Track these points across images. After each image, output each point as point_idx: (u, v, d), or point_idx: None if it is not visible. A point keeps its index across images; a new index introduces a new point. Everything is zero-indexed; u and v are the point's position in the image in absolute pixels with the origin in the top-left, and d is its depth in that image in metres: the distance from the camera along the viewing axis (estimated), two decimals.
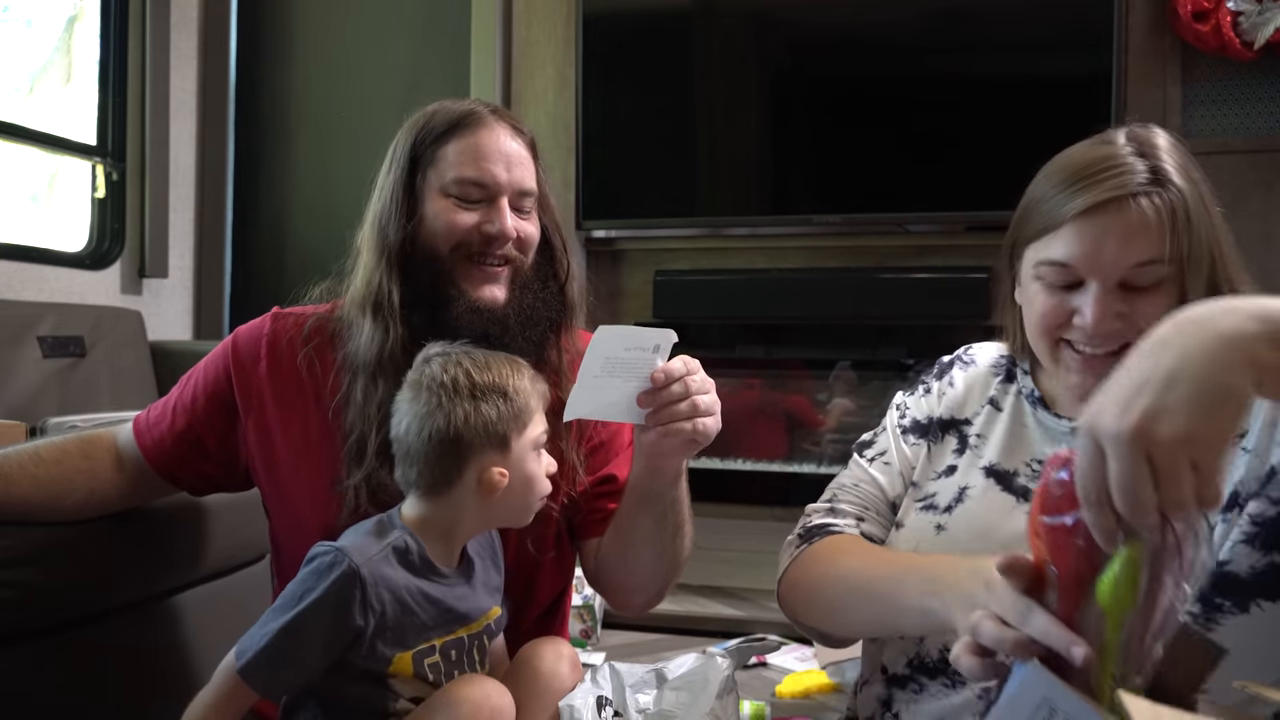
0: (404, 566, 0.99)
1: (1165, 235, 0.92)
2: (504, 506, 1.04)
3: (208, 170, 3.22)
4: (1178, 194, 0.93)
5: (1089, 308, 0.94)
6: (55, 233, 2.86)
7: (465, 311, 1.14)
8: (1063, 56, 2.54)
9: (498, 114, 1.21)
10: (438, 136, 1.19)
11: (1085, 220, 0.94)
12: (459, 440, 1.00)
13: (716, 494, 2.76)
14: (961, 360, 1.18)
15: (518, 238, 1.17)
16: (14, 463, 1.16)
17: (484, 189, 1.16)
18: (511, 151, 1.18)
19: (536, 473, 1.04)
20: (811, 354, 2.77)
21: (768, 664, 2.30)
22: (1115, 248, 0.93)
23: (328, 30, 3.27)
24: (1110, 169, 0.95)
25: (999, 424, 1.08)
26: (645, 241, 2.89)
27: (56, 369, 2.38)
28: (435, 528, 1.02)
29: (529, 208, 1.20)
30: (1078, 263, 0.95)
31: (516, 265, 1.19)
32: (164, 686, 0.98)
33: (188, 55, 3.15)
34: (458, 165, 1.16)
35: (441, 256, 1.16)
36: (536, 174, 1.21)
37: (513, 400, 1.02)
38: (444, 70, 3.01)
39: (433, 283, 1.15)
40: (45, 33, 2.89)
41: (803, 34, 2.75)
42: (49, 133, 2.72)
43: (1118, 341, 0.94)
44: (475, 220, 1.15)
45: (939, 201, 2.58)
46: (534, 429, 1.04)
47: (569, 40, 2.82)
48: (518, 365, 1.05)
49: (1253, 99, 2.45)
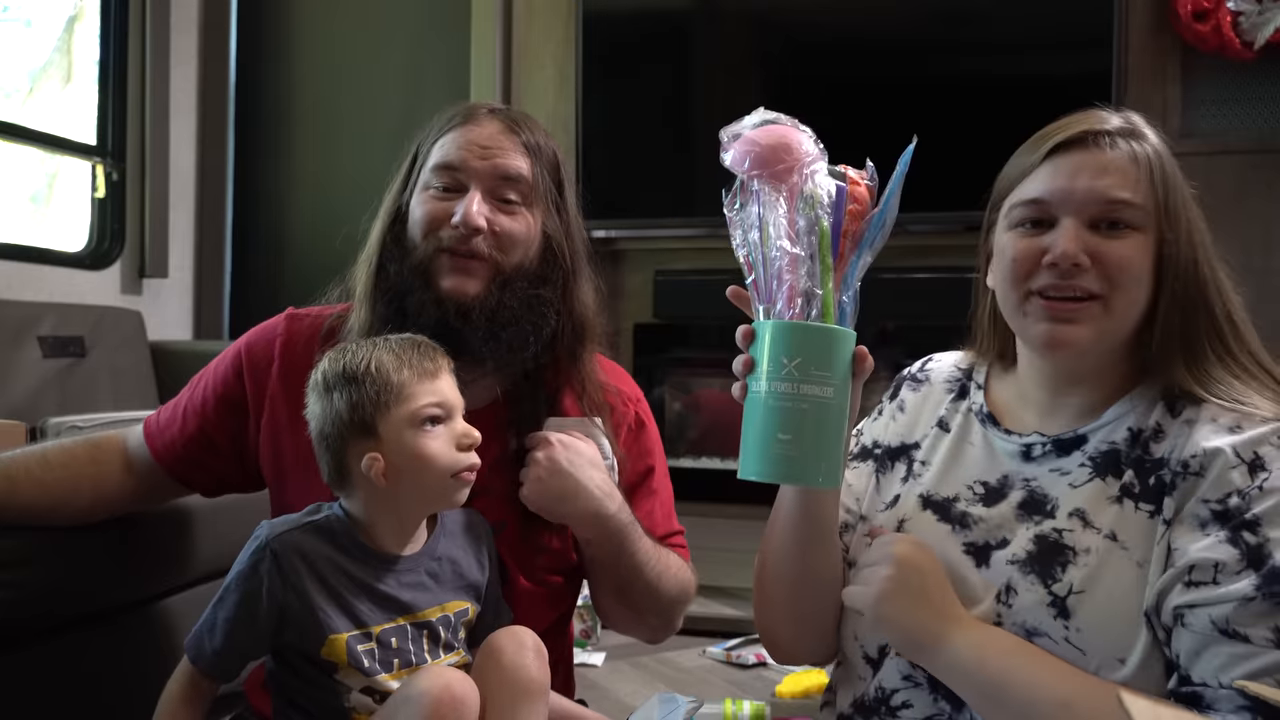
0: (328, 543, 0.99)
1: (1138, 180, 0.91)
2: (409, 490, 1.00)
3: (208, 170, 3.22)
4: (1153, 149, 0.93)
5: (1060, 239, 0.92)
6: (55, 233, 2.86)
7: (428, 302, 1.11)
8: (1063, 56, 2.54)
9: (497, 112, 1.19)
10: (433, 135, 1.18)
11: (1059, 157, 0.94)
12: (324, 435, 1.00)
13: (716, 494, 2.76)
14: (914, 378, 1.16)
15: (493, 231, 1.13)
16: (20, 467, 1.15)
17: (455, 174, 1.14)
18: (495, 145, 1.14)
19: (427, 449, 0.99)
20: None
21: (768, 664, 2.30)
22: (1088, 181, 0.92)
23: (328, 30, 3.27)
24: (1085, 117, 0.96)
25: (942, 447, 1.05)
26: (645, 241, 2.89)
27: (56, 369, 2.38)
28: (362, 518, 1.02)
29: (514, 198, 1.15)
30: (1051, 196, 0.93)
31: (496, 262, 1.13)
32: (158, 689, 0.99)
33: (188, 55, 3.15)
34: (437, 155, 1.15)
35: (417, 248, 1.14)
36: (532, 168, 1.16)
37: (367, 383, 0.98)
38: (444, 70, 3.01)
39: (404, 273, 1.14)
40: (45, 33, 2.89)
41: (802, 34, 2.75)
42: (49, 133, 2.72)
43: (1084, 287, 0.91)
44: (447, 210, 1.13)
45: (939, 201, 2.58)
46: (408, 404, 0.99)
47: (569, 40, 2.82)
48: (392, 346, 1.01)
49: (1253, 99, 2.45)
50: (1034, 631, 0.88)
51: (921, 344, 2.86)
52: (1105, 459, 0.93)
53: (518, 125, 1.18)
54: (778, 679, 2.14)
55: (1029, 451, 0.98)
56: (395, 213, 1.18)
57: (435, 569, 1.04)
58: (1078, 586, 0.88)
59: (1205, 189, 0.99)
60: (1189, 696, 0.82)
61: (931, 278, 2.63)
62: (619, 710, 1.91)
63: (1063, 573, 0.89)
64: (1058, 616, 0.87)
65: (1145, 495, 0.89)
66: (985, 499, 0.98)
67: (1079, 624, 0.86)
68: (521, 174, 1.15)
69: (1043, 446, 0.97)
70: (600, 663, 2.32)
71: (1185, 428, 0.90)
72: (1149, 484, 0.89)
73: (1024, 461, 0.98)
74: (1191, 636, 0.82)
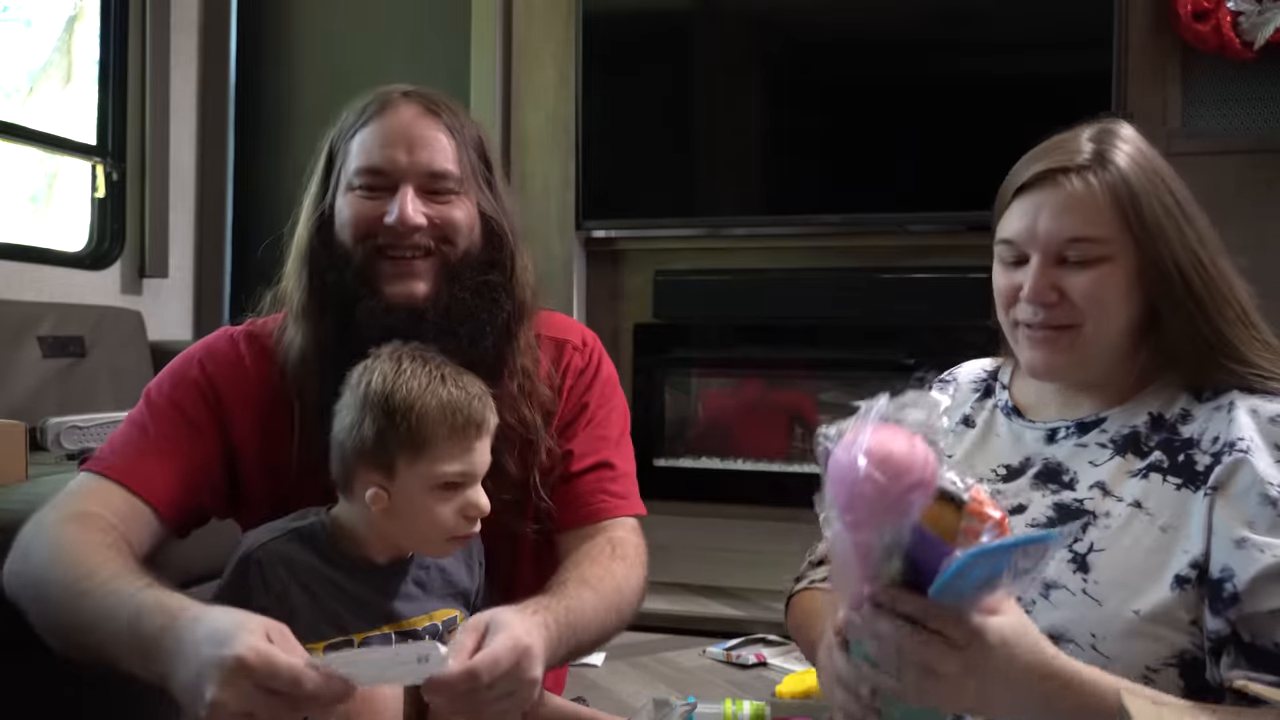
0: (311, 550, 0.97)
1: (1100, 211, 0.93)
2: (398, 530, 0.97)
3: (208, 170, 3.22)
4: (1118, 176, 0.94)
5: (1028, 279, 0.96)
6: (55, 233, 2.86)
7: (376, 310, 1.06)
8: (1063, 56, 2.54)
9: (412, 95, 1.12)
10: (349, 127, 1.13)
11: (1024, 196, 0.98)
12: (343, 444, 0.97)
13: (716, 494, 2.76)
14: (942, 380, 1.21)
15: (434, 224, 1.08)
16: None
17: (383, 175, 1.08)
18: (416, 133, 1.09)
19: (432, 510, 0.95)
20: (811, 354, 2.77)
21: (768, 664, 2.30)
22: (1047, 221, 0.95)
23: (328, 30, 3.27)
24: (1053, 151, 0.98)
25: (966, 440, 1.10)
26: (645, 241, 2.89)
27: (56, 369, 2.38)
28: (353, 528, 0.99)
29: (449, 189, 1.10)
30: (1018, 237, 0.98)
31: (442, 255, 1.09)
32: (132, 698, 0.96)
33: (188, 55, 3.15)
34: (359, 154, 1.09)
35: (352, 253, 1.08)
36: (459, 152, 1.11)
37: (402, 426, 0.93)
38: (444, 70, 3.01)
39: (345, 282, 1.08)
40: (45, 33, 2.89)
41: (803, 34, 2.75)
42: (49, 133, 2.72)
43: (1059, 319, 0.96)
44: (378, 210, 1.07)
45: (939, 201, 2.58)
46: (432, 465, 0.94)
47: (569, 40, 2.82)
48: (441, 395, 0.95)
49: (1253, 99, 2.45)
50: (1052, 585, 0.92)
51: (922, 344, 2.87)
52: (1125, 440, 0.97)
53: (437, 106, 1.13)
54: (778, 679, 2.14)
55: (1053, 435, 1.02)
56: (320, 217, 1.12)
57: (423, 577, 1.02)
58: (1099, 545, 0.92)
59: (1205, 189, 1.00)
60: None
61: (931, 278, 2.63)
62: (619, 710, 1.91)
63: (1083, 533, 0.93)
64: (1077, 571, 0.92)
65: (1174, 470, 0.93)
66: (1006, 478, 1.03)
67: (1097, 577, 0.91)
68: (449, 169, 1.10)
69: (1066, 430, 1.01)
70: (600, 663, 2.32)
71: (1216, 412, 0.93)
72: (1178, 460, 0.93)
73: (1047, 444, 1.02)
74: None
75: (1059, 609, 0.91)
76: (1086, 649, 0.88)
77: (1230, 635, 0.86)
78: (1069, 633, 0.90)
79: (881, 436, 0.71)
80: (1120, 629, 0.88)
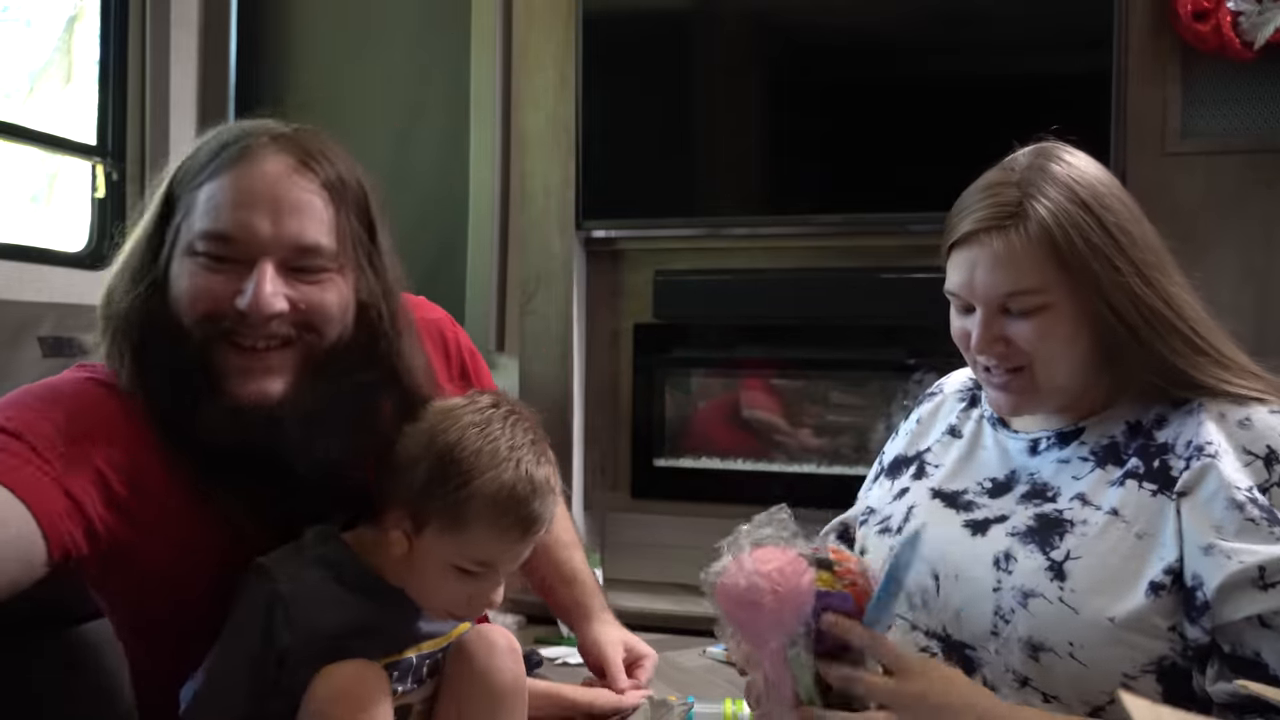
0: (335, 579, 0.90)
1: (1032, 265, 0.95)
2: (404, 576, 0.93)
3: None
4: (1040, 227, 0.94)
5: (974, 332, 1.00)
6: (55, 233, 2.86)
7: (218, 413, 0.86)
8: (1063, 56, 2.54)
9: (283, 142, 0.91)
10: (196, 171, 0.92)
11: (957, 252, 1.02)
12: (395, 471, 0.89)
13: (716, 494, 2.76)
14: (930, 394, 1.24)
15: (297, 309, 0.87)
16: None
17: (237, 245, 0.86)
18: (284, 194, 0.87)
19: (443, 584, 0.91)
20: (812, 354, 2.77)
21: None
22: (982, 278, 0.98)
23: (328, 30, 3.26)
24: (980, 202, 0.99)
25: (954, 450, 1.12)
26: (645, 241, 2.88)
27: (56, 369, 2.37)
28: (373, 547, 0.95)
29: (321, 266, 0.89)
30: (959, 290, 1.02)
31: (306, 346, 0.89)
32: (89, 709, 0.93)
33: (188, 55, 3.15)
34: (207, 213, 0.88)
35: (186, 334, 0.88)
36: (337, 220, 0.90)
37: (454, 495, 0.86)
38: (444, 70, 3.01)
39: (181, 369, 0.88)
40: (45, 33, 2.88)
41: (803, 34, 2.75)
42: (49, 133, 2.72)
43: (1013, 363, 0.98)
44: (227, 288, 0.86)
45: (940, 201, 2.56)
46: (462, 547, 0.89)
47: (569, 40, 2.82)
48: (510, 481, 0.87)
49: (1253, 99, 2.45)
50: (1030, 594, 0.92)
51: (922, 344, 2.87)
52: (1105, 451, 0.98)
53: (313, 158, 0.92)
54: None
55: (1035, 446, 1.04)
56: (149, 277, 0.91)
57: None
58: (1075, 553, 0.93)
59: (1205, 189, 1.01)
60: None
61: (932, 278, 2.61)
62: None
63: (1060, 541, 0.94)
64: (1054, 579, 0.92)
65: (1149, 476, 0.94)
66: (992, 492, 1.05)
67: (1074, 585, 0.91)
68: (322, 244, 0.89)
69: (1047, 440, 1.03)
70: None
71: (1188, 416, 0.94)
72: (1153, 466, 0.94)
73: (1030, 455, 1.04)
74: None
75: (1037, 617, 0.91)
76: (1065, 657, 0.88)
77: (1211, 644, 0.85)
78: (1048, 641, 0.89)
79: (759, 556, 0.90)
80: (1097, 637, 0.88)
